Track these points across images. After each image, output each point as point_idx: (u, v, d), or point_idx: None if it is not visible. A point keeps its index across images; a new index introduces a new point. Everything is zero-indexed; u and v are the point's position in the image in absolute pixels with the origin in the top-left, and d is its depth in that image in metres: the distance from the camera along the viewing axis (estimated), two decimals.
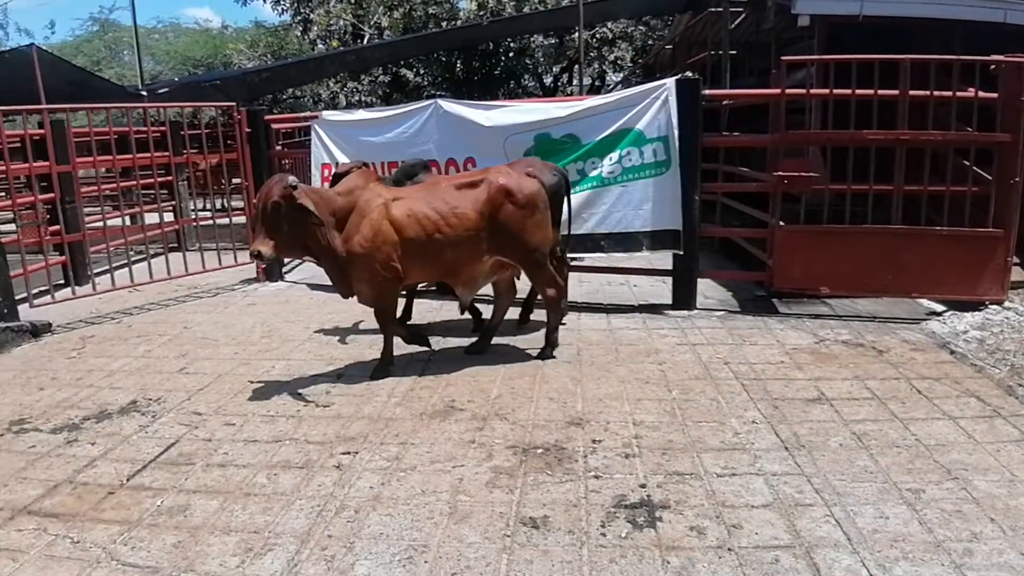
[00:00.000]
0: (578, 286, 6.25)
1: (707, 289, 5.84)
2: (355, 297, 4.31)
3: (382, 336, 4.40)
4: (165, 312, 6.20)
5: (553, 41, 21.02)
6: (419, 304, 5.57)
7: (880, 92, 5.02)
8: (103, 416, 3.91)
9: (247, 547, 2.59)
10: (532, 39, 20.21)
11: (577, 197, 5.43)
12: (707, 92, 5.35)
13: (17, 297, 5.76)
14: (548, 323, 4.60)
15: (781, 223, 5.27)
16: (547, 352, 4.53)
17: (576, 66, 22.48)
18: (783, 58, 5.37)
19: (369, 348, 4.78)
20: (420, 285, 5.34)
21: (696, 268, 5.47)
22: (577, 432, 3.40)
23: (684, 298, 5.46)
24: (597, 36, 19.91)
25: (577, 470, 3.03)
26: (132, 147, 6.69)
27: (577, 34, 13.75)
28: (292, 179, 3.88)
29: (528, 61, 21.33)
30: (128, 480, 3.17)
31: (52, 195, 6.33)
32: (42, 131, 6.34)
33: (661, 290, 5.88)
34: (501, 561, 2.42)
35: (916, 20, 6.61)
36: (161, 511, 2.89)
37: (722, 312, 5.36)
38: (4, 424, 3.91)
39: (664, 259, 5.66)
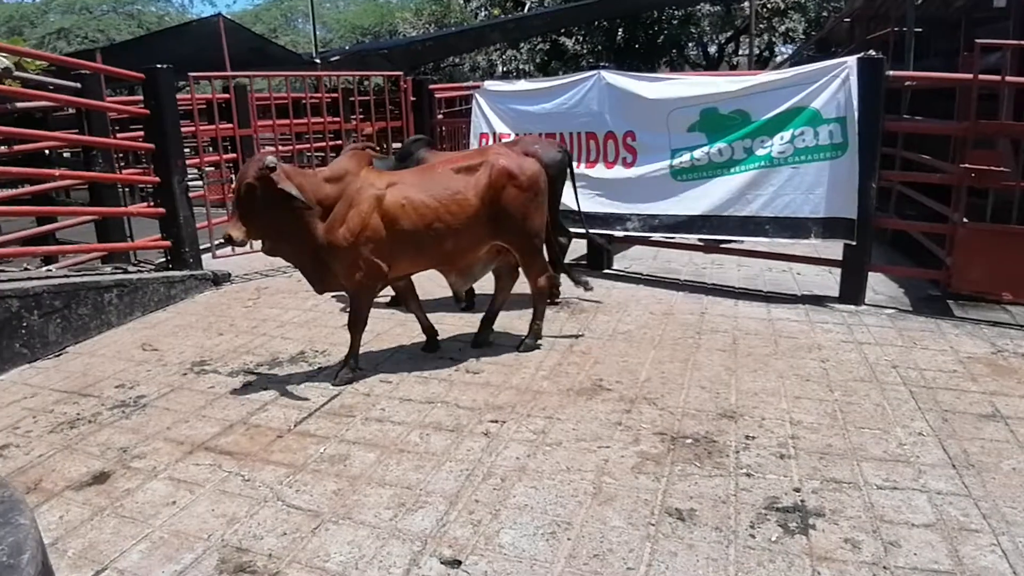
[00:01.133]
0: (736, 270, 6.02)
1: (877, 283, 5.42)
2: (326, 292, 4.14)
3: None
4: None
5: (719, 9, 20.08)
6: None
7: None
8: (275, 363, 4.24)
9: (400, 502, 2.72)
10: (698, 7, 19.42)
11: (742, 177, 5.21)
12: (890, 73, 4.90)
13: (201, 247, 6.34)
14: (534, 312, 4.37)
15: (965, 220, 4.77)
16: (529, 342, 4.32)
17: (743, 36, 21.43)
18: (978, 41, 4.81)
19: (518, 319, 4.84)
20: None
21: (868, 261, 5.09)
22: (729, 426, 3.28)
23: (852, 292, 5.10)
24: (768, 6, 18.84)
25: (728, 465, 2.94)
26: (307, 112, 7.11)
27: (747, 2, 13.04)
28: (271, 160, 3.52)
29: (693, 30, 20.55)
30: (295, 426, 3.42)
31: (234, 155, 6.87)
32: (227, 95, 6.87)
33: (827, 281, 5.54)
34: (644, 549, 2.39)
35: None
36: (323, 458, 3.10)
37: (892, 310, 4.97)
38: (188, 364, 4.34)
39: (831, 248, 5.31)
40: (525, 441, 3.15)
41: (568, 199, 6.02)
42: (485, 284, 4.72)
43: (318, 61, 11.72)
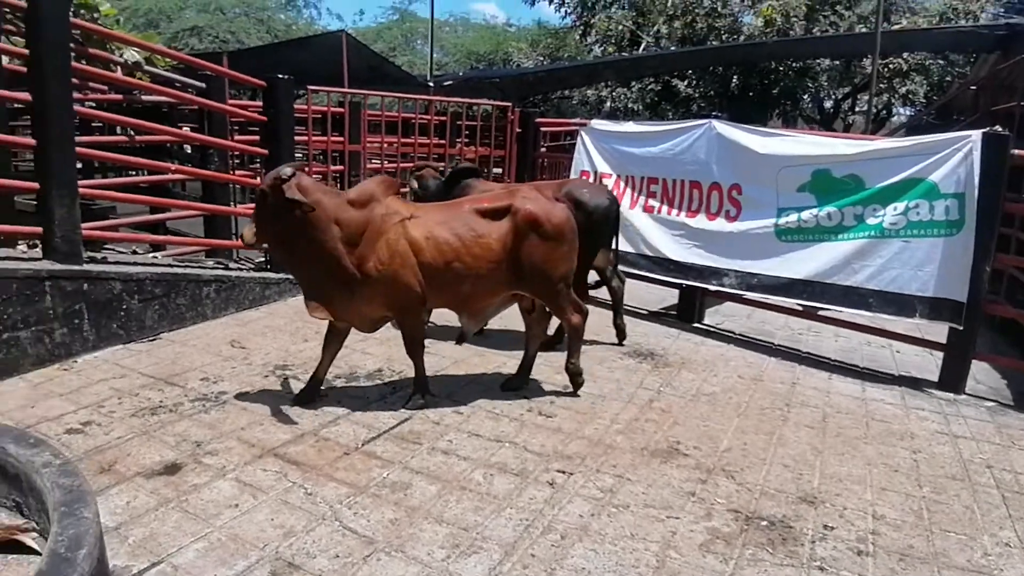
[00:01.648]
0: (833, 340, 5.71)
1: (979, 372, 5.02)
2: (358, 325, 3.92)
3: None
4: None
5: (839, 64, 19.52)
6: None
7: None
8: (352, 378, 4.28)
9: (455, 542, 2.65)
10: (817, 60, 18.94)
11: (850, 245, 4.95)
12: (1016, 152, 4.56)
13: None
14: (569, 350, 4.18)
15: None
16: (577, 380, 4.18)
17: (861, 94, 20.73)
18: None
19: (599, 364, 4.73)
20: None
21: (973, 347, 4.72)
22: (808, 511, 3.06)
23: (953, 379, 4.73)
24: (890, 65, 18.17)
25: (802, 555, 2.73)
26: (415, 131, 7.27)
27: (869, 62, 12.60)
28: (287, 170, 3.44)
29: (810, 83, 20.03)
30: (363, 445, 3.42)
31: (341, 167, 7.06)
32: (341, 110, 7.09)
33: (927, 363, 5.17)
34: None
35: None
36: (385, 483, 3.06)
37: (992, 403, 4.58)
38: (271, 366, 4.43)
39: (935, 329, 4.96)
40: (591, 498, 3.03)
41: (662, 246, 5.91)
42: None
43: (431, 84, 12.04)
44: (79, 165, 4.81)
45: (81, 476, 1.72)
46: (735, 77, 19.18)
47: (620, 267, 6.24)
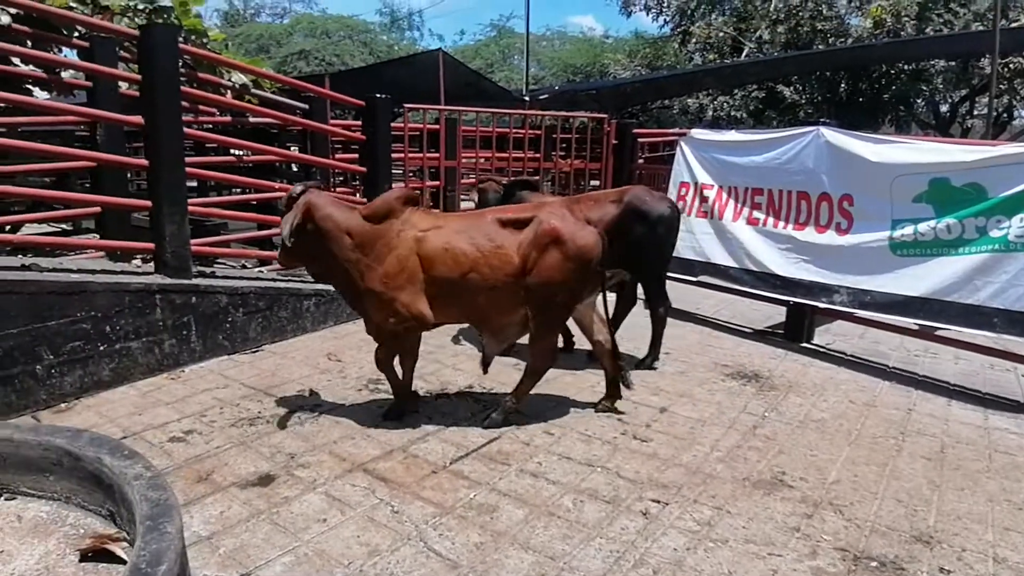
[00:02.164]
0: (953, 363, 5.25)
1: None
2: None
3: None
4: None
5: (955, 65, 18.27)
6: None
7: None
8: (442, 394, 4.25)
9: (540, 571, 2.55)
10: (931, 62, 17.79)
11: (971, 259, 4.55)
12: None
13: None
14: (518, 385, 3.90)
15: None
16: (497, 420, 3.83)
17: (980, 96, 19.32)
18: None
19: (699, 386, 4.51)
20: None
21: None
22: (923, 552, 2.77)
23: None
24: (1010, 66, 16.84)
25: None
26: (509, 146, 7.27)
27: (987, 62, 11.68)
28: (297, 188, 3.59)
29: (923, 86, 18.84)
30: (450, 464, 3.37)
31: (437, 183, 7.14)
32: (437, 127, 7.17)
33: None
34: None
35: None
36: (472, 505, 3.00)
37: None
38: (364, 380, 4.47)
39: None
40: (687, 531, 2.85)
41: (768, 260, 5.61)
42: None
43: (527, 98, 12.06)
44: (193, 184, 5.08)
45: (169, 490, 1.73)
46: (843, 82, 18.31)
47: (723, 283, 6.00)
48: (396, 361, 3.93)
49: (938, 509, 3.12)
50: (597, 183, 7.70)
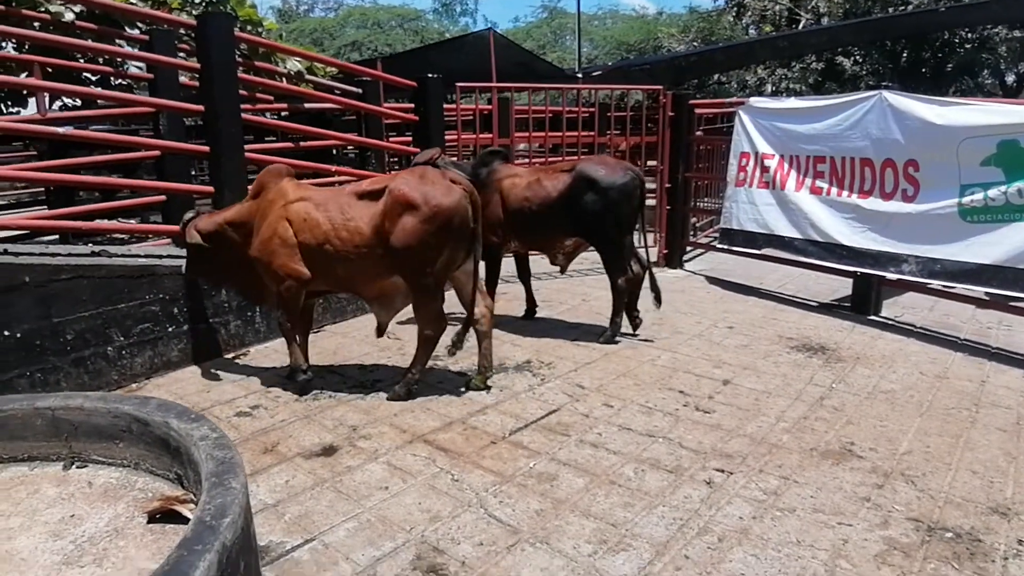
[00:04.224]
0: None
1: None
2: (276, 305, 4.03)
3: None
4: (568, 282, 6.57)
5: (1020, 35, 17.26)
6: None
7: None
8: (501, 368, 4.25)
9: (602, 538, 2.52)
10: (996, 29, 16.84)
11: None
12: None
13: None
14: (413, 360, 3.88)
15: None
16: (400, 392, 3.82)
17: None
18: None
19: (763, 359, 4.40)
20: None
21: None
22: (1000, 524, 2.64)
23: None
24: None
25: (992, 573, 2.35)
26: (563, 125, 7.19)
27: None
28: (187, 215, 3.97)
29: (988, 56, 17.87)
30: (510, 435, 3.37)
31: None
32: (490, 107, 7.14)
33: None
34: None
35: None
36: (532, 474, 2.99)
37: None
38: None
39: None
40: (753, 500, 2.78)
41: (833, 231, 5.43)
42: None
43: (580, 76, 11.92)
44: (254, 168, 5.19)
45: (234, 449, 1.76)
46: (905, 51, 17.51)
47: (788, 255, 5.84)
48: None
49: (1015, 481, 2.98)
50: (654, 163, 7.56)
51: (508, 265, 5.34)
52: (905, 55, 17.62)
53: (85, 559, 1.57)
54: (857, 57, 18.31)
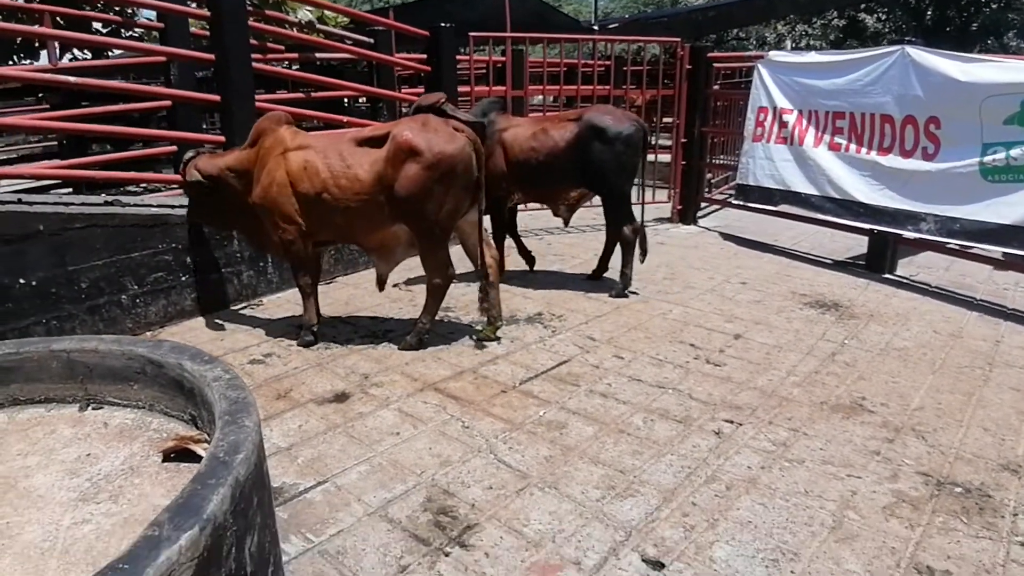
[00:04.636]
0: None
1: None
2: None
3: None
4: (581, 237, 6.54)
5: None
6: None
7: None
8: (512, 320, 4.26)
9: (610, 484, 2.55)
10: None
11: None
12: None
13: None
14: (423, 310, 3.89)
15: None
16: (411, 342, 3.85)
17: None
18: None
19: (776, 314, 4.38)
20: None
21: None
22: (1011, 481, 2.64)
23: None
24: None
25: (1001, 528, 2.35)
26: (578, 79, 7.07)
27: None
28: (189, 153, 3.86)
29: (1014, 16, 17.39)
30: (520, 384, 3.39)
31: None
32: (504, 59, 7.03)
33: None
34: None
35: None
36: (541, 422, 3.01)
37: None
38: None
39: None
40: (761, 451, 2.80)
41: (851, 187, 5.36)
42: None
43: (596, 28, 11.69)
44: None
45: (246, 389, 1.78)
46: (929, 10, 17.05)
47: (804, 211, 5.79)
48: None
49: None
50: (669, 120, 7.44)
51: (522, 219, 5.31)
52: (930, 13, 17.18)
53: (101, 496, 1.59)
54: (880, 14, 17.91)
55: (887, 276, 5.31)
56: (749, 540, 2.25)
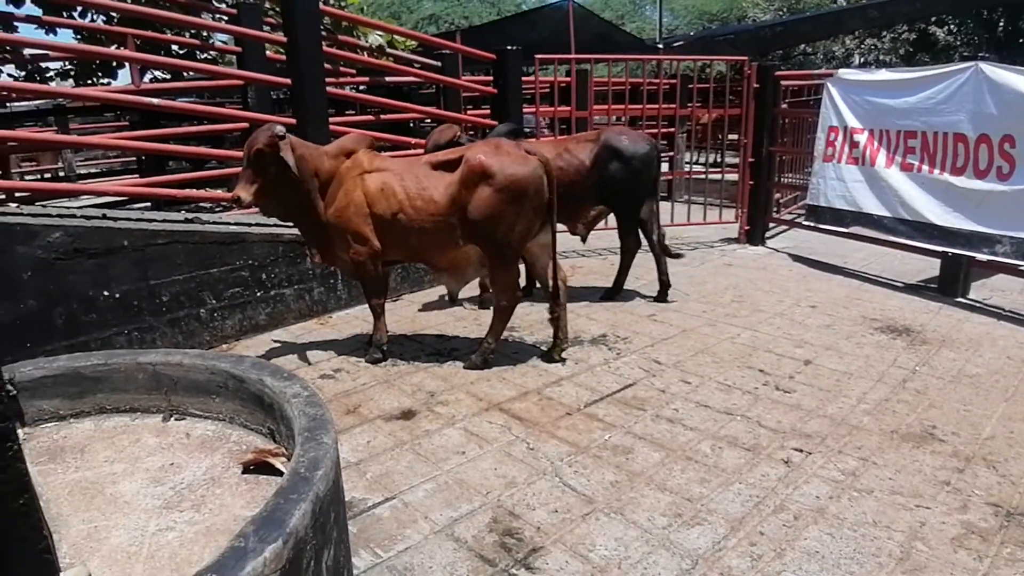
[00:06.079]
0: None
1: None
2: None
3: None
4: (644, 256, 6.48)
5: None
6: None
7: None
8: (576, 342, 4.28)
9: (677, 512, 2.54)
10: None
11: None
12: None
13: None
14: (489, 330, 3.94)
15: None
16: (476, 361, 3.90)
17: None
18: None
19: (846, 339, 4.29)
20: None
21: None
22: None
23: None
24: None
25: None
26: (643, 98, 7.08)
27: None
28: (279, 128, 3.59)
29: None
30: (585, 407, 3.40)
31: (564, 138, 7.07)
32: (569, 79, 7.09)
33: None
34: None
35: None
36: (607, 446, 3.02)
37: None
38: None
39: None
40: (830, 480, 2.75)
41: (924, 209, 5.22)
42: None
43: (660, 47, 11.66)
44: None
45: (324, 407, 1.86)
46: (1002, 21, 16.39)
47: (877, 233, 5.67)
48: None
49: None
50: (735, 137, 7.36)
51: (588, 240, 5.34)
52: (1002, 25, 16.53)
53: (184, 504, 1.67)
54: (951, 27, 17.31)
55: (960, 300, 5.13)
56: (816, 571, 2.22)
